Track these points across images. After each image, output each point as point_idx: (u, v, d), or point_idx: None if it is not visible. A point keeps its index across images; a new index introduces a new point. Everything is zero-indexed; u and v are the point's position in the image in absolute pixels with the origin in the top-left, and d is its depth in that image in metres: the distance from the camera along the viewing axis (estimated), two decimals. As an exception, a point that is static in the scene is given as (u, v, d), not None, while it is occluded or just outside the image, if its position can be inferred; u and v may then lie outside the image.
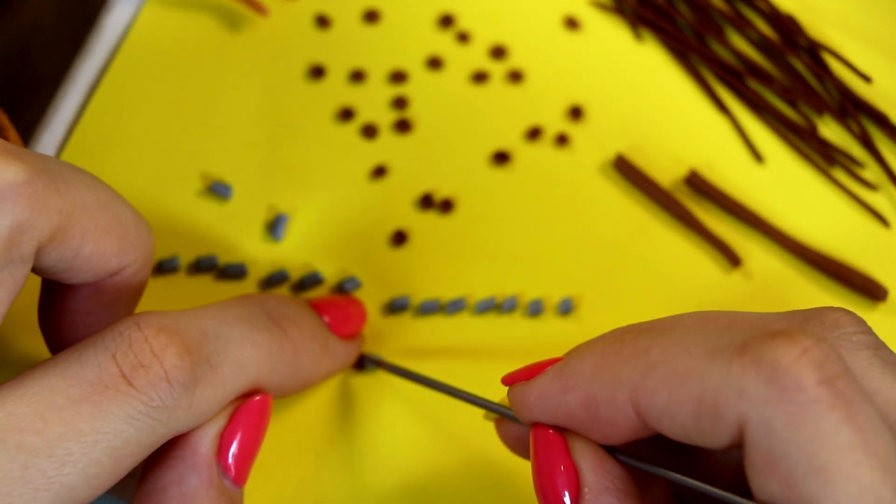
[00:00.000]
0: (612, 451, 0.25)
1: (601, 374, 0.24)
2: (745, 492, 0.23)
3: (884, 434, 0.21)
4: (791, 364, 0.21)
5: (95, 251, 0.25)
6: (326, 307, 0.31)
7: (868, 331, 0.24)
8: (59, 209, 0.23)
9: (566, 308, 0.35)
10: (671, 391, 0.23)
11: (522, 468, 0.27)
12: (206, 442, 0.25)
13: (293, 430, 0.32)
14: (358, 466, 0.32)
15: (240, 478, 0.26)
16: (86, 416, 0.22)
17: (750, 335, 0.22)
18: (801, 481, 0.21)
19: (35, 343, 0.29)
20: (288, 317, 0.29)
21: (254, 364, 0.26)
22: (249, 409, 0.26)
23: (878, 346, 0.24)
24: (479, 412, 0.28)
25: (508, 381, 0.27)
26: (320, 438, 0.32)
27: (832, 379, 0.21)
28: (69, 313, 0.27)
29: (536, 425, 0.25)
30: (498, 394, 0.35)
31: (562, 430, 0.25)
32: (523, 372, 0.26)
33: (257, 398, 0.26)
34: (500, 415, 0.27)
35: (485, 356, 0.35)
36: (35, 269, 0.25)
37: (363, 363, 0.33)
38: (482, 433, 0.29)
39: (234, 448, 0.25)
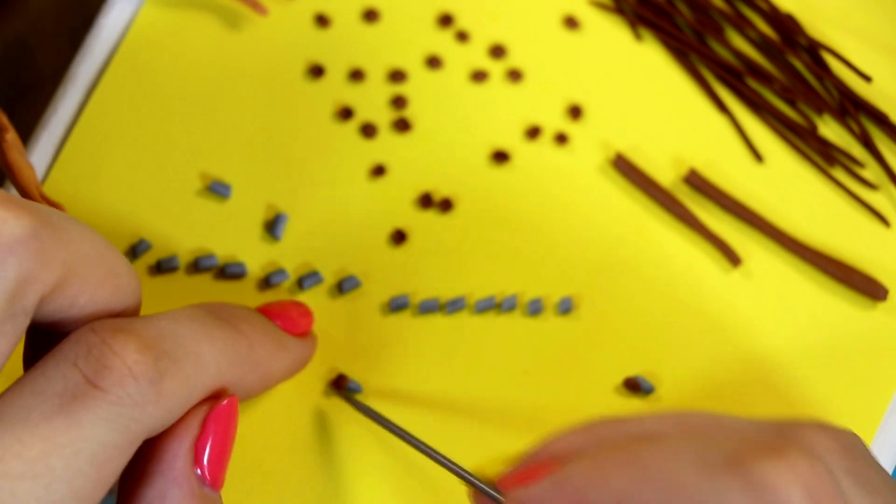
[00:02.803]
0: None
1: (594, 479, 0.25)
2: None
3: None
4: (779, 484, 0.21)
5: (91, 301, 0.25)
6: (272, 312, 0.31)
7: (843, 452, 0.24)
8: (62, 261, 0.23)
9: (566, 307, 0.35)
10: (661, 501, 0.23)
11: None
12: (182, 454, 0.25)
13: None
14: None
15: (216, 483, 0.26)
16: (61, 428, 0.22)
17: (741, 448, 0.22)
18: None
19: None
20: (237, 315, 0.29)
21: (212, 358, 0.26)
22: (219, 414, 0.26)
23: (855, 470, 0.24)
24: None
25: (506, 484, 0.27)
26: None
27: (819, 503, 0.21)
28: None
29: None
30: (497, 395, 0.35)
31: None
32: (520, 475, 0.27)
33: (224, 402, 0.26)
34: (479, 490, 0.28)
35: (484, 355, 0.35)
36: None
37: (346, 387, 0.33)
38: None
39: (208, 455, 0.25)
